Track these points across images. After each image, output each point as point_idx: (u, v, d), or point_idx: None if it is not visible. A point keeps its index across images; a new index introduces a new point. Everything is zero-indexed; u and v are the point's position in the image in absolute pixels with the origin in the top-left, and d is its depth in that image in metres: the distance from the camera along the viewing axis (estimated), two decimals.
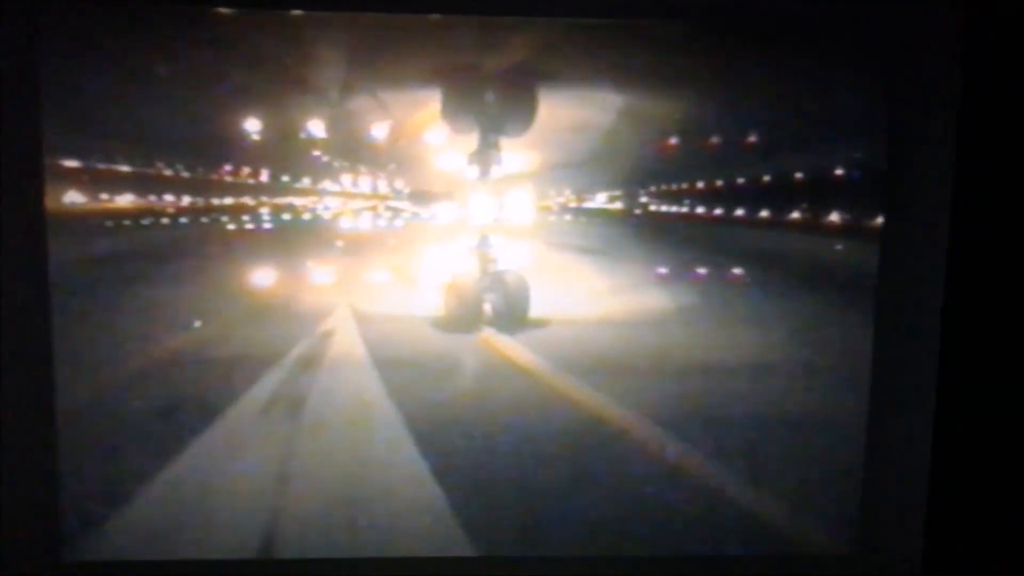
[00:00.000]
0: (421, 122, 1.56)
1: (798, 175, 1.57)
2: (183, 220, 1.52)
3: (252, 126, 1.50)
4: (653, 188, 1.59)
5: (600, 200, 1.61)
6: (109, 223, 1.49)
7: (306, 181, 1.55)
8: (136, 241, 1.51)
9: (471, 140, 1.57)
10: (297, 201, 1.55)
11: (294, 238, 1.57)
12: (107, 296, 1.48)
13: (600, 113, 1.56)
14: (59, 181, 1.44)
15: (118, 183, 1.49)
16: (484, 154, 1.57)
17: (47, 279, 1.43)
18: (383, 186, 1.59)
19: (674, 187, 1.59)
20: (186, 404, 1.51)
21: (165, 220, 1.52)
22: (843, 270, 1.55)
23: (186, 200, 1.52)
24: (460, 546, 1.55)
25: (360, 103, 1.52)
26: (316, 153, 1.54)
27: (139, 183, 1.50)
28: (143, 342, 1.51)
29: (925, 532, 1.48)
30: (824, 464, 1.56)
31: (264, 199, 1.55)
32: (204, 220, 1.53)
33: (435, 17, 1.47)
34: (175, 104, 1.46)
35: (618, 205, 1.60)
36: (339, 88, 1.50)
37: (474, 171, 1.58)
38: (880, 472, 1.53)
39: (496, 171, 1.58)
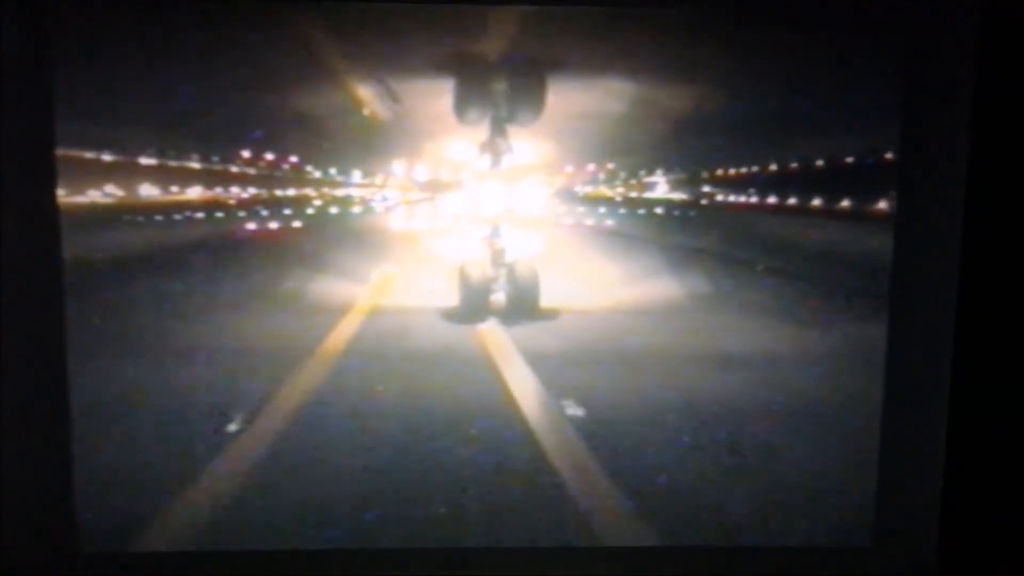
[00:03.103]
0: (432, 111, 1.55)
1: (812, 163, 1.55)
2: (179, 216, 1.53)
3: (260, 114, 1.50)
4: (663, 177, 1.58)
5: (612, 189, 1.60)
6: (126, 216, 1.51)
7: (313, 171, 1.55)
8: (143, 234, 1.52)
9: (481, 130, 1.56)
10: (305, 192, 1.55)
11: (304, 230, 1.57)
12: (120, 288, 1.50)
13: (610, 101, 1.54)
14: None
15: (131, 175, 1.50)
16: (495, 144, 1.56)
17: (61, 269, 1.44)
18: (394, 176, 1.58)
19: (684, 175, 1.58)
20: (204, 397, 1.53)
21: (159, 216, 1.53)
22: (859, 258, 1.53)
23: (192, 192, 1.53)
24: (467, 538, 1.56)
25: (370, 92, 1.51)
26: (325, 143, 1.53)
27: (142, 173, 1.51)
28: (160, 334, 1.52)
29: (940, 524, 1.47)
30: (839, 455, 1.55)
31: (271, 191, 1.55)
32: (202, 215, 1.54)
33: (444, 5, 1.46)
34: (173, 94, 1.46)
35: (631, 194, 1.59)
36: (348, 77, 1.49)
37: (485, 160, 1.58)
38: (895, 464, 1.52)
39: (507, 160, 1.58)
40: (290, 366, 1.55)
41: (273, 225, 1.56)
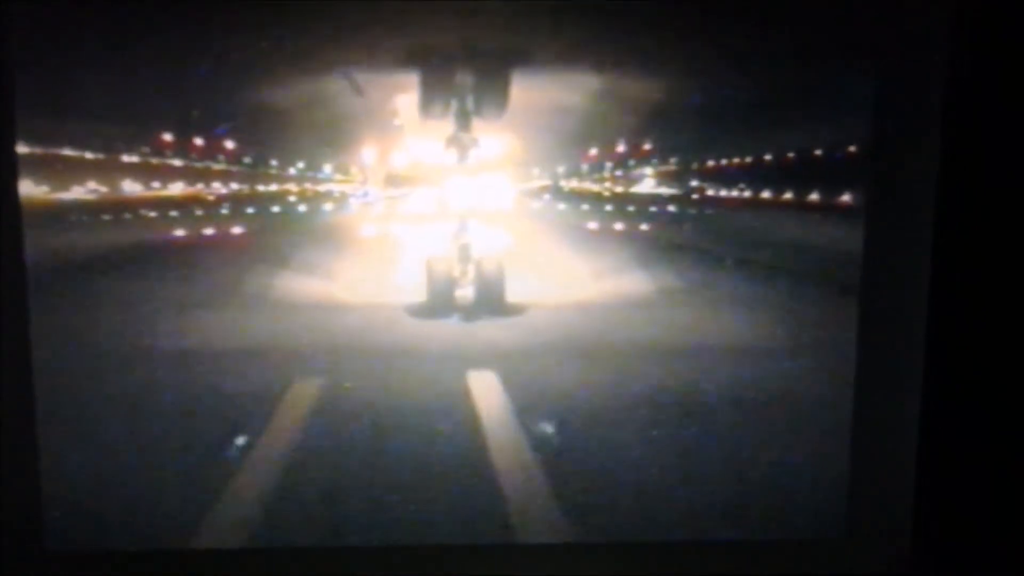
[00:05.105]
0: (397, 106, 1.56)
1: (783, 156, 1.55)
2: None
3: (224, 108, 1.50)
4: (632, 170, 1.58)
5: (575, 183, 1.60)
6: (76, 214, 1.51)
7: (276, 164, 1.55)
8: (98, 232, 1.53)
9: (447, 125, 1.57)
10: (269, 187, 1.56)
11: (265, 226, 1.57)
12: (82, 287, 1.50)
13: (577, 95, 1.55)
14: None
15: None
16: (460, 138, 1.57)
17: (24, 267, 1.42)
18: (359, 171, 1.59)
19: (658, 169, 1.58)
20: (172, 393, 1.52)
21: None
22: (830, 250, 1.53)
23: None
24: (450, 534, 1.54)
25: (334, 86, 1.52)
26: (289, 137, 1.54)
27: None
28: (125, 332, 1.52)
29: (914, 514, 1.45)
30: (811, 447, 1.53)
31: (237, 185, 1.55)
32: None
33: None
34: (139, 86, 1.46)
35: (599, 187, 1.60)
36: (313, 71, 1.50)
37: (452, 156, 1.58)
38: (868, 455, 1.50)
39: (474, 155, 1.58)
40: (258, 364, 1.55)
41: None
